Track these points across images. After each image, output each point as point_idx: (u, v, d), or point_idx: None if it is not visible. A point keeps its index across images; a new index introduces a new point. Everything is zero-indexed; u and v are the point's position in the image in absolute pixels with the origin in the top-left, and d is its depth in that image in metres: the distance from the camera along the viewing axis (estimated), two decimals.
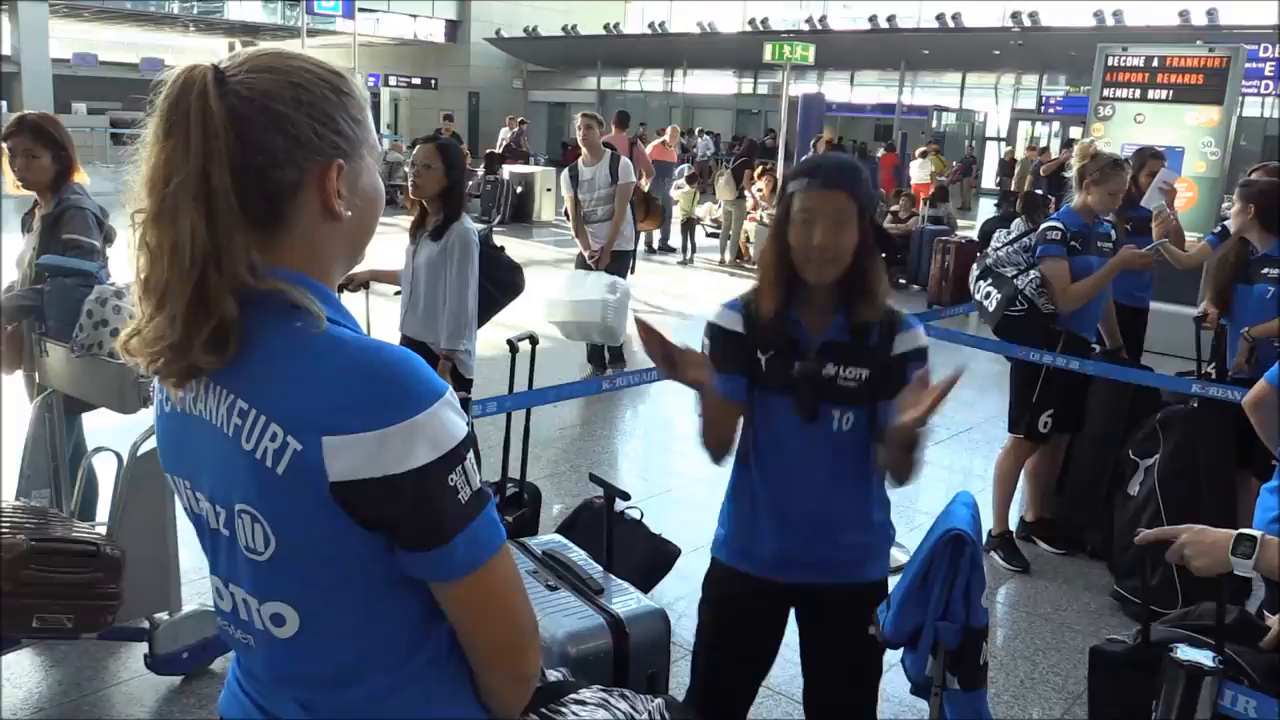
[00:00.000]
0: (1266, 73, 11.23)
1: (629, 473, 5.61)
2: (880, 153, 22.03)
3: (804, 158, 2.18)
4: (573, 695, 1.30)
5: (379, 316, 4.43)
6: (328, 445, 0.98)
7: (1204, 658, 1.57)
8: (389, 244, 4.06)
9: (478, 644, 1.11)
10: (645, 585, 3.78)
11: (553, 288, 6.37)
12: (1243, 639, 2.25)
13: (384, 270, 4.25)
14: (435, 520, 1.02)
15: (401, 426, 0.99)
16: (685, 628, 2.48)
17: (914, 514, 4.80)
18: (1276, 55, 11.15)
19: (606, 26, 32.39)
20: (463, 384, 3.91)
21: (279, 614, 1.08)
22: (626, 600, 2.19)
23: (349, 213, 1.08)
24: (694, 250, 13.34)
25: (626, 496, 2.41)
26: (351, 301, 4.27)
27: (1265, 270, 3.99)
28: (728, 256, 13.32)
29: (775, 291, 2.05)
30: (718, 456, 2.09)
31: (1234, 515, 3.85)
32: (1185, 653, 1.58)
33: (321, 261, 1.10)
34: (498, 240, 4.42)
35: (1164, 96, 8.62)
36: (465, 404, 2.74)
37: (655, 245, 13.80)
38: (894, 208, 12.75)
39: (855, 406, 2.05)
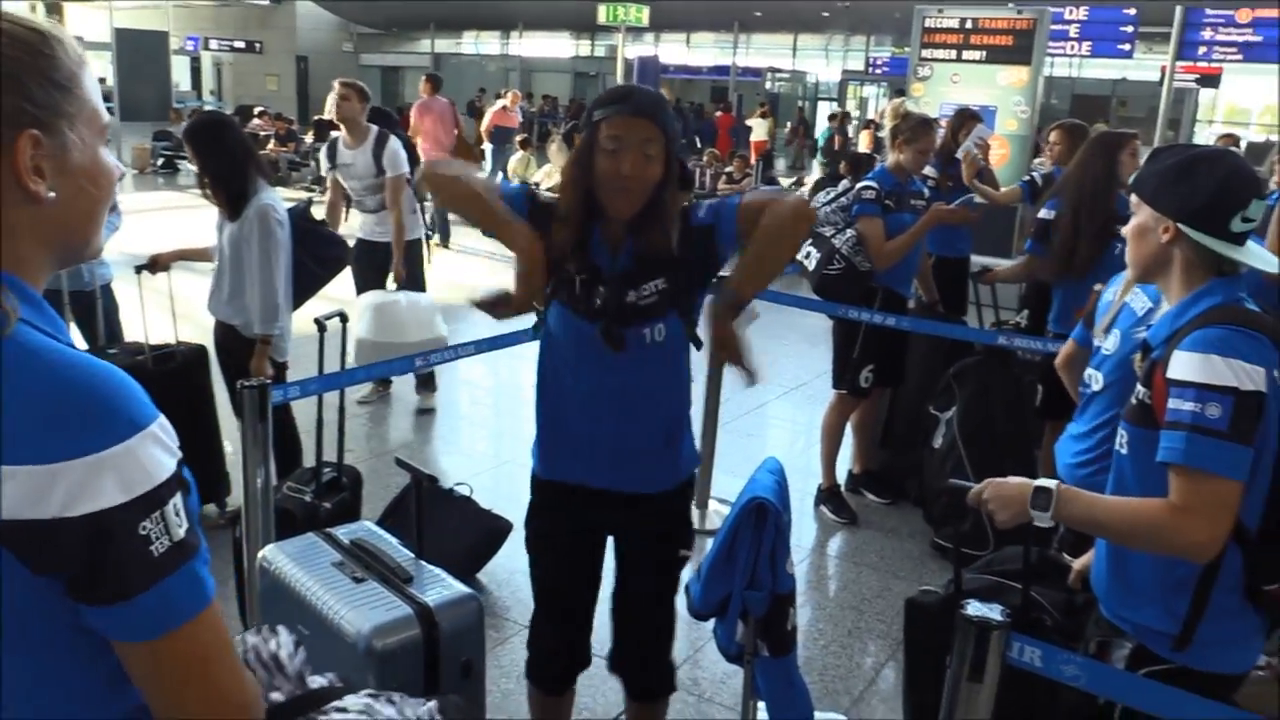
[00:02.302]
0: (1071, 34, 11.82)
1: (479, 442, 5.52)
2: (717, 114, 22.32)
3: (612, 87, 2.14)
4: (334, 703, 1.21)
5: (195, 295, 4.14)
6: None
7: (993, 612, 1.61)
8: (208, 219, 3.82)
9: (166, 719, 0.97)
10: (476, 564, 3.73)
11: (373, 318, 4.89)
12: (1049, 578, 2.36)
13: (193, 248, 4.01)
14: (114, 573, 0.88)
15: (82, 462, 0.85)
16: (527, 599, 2.45)
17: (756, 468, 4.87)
18: (1080, 17, 11.75)
19: None
20: (276, 367, 3.72)
21: None
22: (438, 588, 2.11)
23: (52, 194, 0.94)
24: None
25: (434, 480, 2.33)
26: (155, 284, 4.02)
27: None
28: None
29: (577, 221, 2.02)
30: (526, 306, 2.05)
31: (1033, 461, 4.05)
32: (975, 608, 1.62)
33: (18, 251, 0.95)
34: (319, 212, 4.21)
35: (978, 58, 8.95)
36: (264, 391, 2.59)
37: None
38: (728, 169, 12.88)
39: (663, 317, 2.05)
